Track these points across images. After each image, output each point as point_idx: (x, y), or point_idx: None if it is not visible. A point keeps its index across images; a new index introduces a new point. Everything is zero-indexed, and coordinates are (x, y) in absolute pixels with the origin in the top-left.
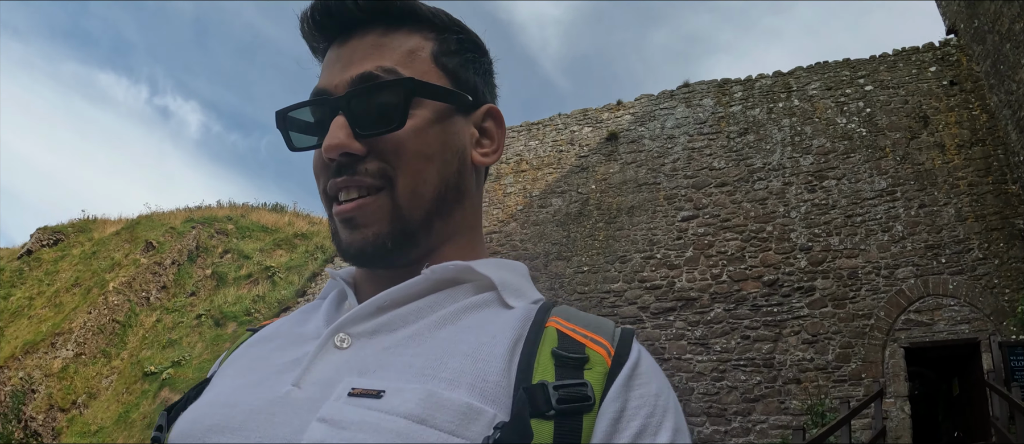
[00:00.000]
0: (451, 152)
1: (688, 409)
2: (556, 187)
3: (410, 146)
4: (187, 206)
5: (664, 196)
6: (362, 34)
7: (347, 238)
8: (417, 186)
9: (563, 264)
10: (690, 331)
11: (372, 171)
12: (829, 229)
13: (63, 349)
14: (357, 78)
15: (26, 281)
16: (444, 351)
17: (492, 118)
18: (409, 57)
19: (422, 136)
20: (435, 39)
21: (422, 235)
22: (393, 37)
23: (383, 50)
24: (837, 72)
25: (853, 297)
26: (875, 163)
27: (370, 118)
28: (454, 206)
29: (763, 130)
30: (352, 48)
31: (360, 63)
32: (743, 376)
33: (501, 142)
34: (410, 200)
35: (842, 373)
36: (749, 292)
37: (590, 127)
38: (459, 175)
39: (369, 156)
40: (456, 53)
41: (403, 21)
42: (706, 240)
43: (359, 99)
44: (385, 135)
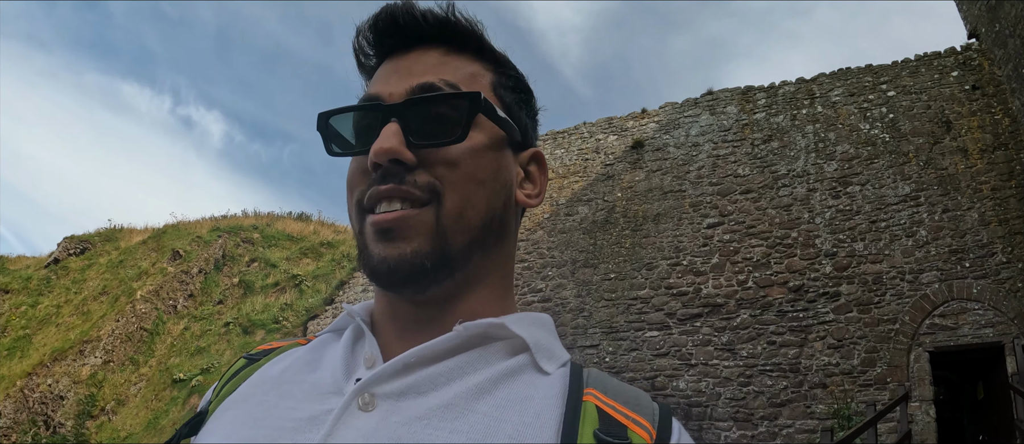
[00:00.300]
0: (500, 183)
1: (715, 414)
2: (582, 195)
3: (464, 164)
4: (213, 215)
5: (689, 203)
6: (424, 51)
7: (381, 252)
8: (464, 209)
9: (590, 271)
10: (717, 337)
11: (421, 183)
12: (853, 235)
13: (91, 356)
14: (417, 87)
15: (53, 289)
16: (486, 432)
17: (537, 162)
18: (471, 80)
19: (477, 158)
20: (494, 71)
21: (460, 264)
22: (456, 58)
23: (445, 67)
24: (860, 78)
25: (878, 302)
26: (899, 168)
27: (427, 129)
28: (495, 242)
29: (787, 137)
30: (413, 61)
31: (421, 74)
32: (769, 381)
33: (543, 187)
34: (455, 222)
35: (868, 377)
36: (775, 298)
37: (615, 135)
38: (504, 209)
39: (419, 168)
40: (512, 90)
41: (466, 47)
42: (732, 247)
43: (417, 108)
44: (440, 148)
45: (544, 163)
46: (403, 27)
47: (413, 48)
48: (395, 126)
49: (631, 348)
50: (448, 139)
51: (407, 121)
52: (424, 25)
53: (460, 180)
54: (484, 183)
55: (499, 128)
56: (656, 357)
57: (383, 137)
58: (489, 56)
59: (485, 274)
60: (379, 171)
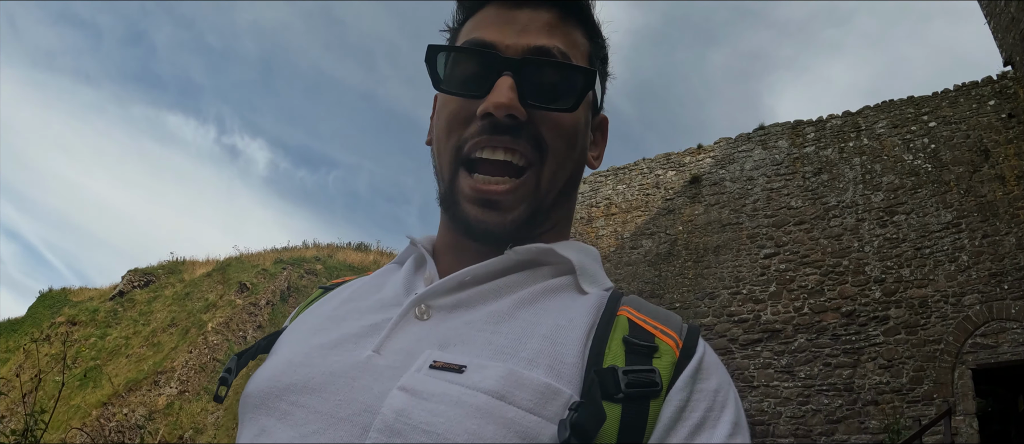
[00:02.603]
0: (582, 148)
1: (776, 431)
2: (645, 229)
3: (567, 132)
4: (274, 247)
5: (747, 235)
6: (536, 8)
7: (481, 216)
8: (557, 171)
9: (656, 301)
10: (776, 360)
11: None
12: (900, 261)
13: (167, 387)
14: (535, 49)
15: (121, 321)
16: (524, 332)
17: (602, 127)
18: (576, 49)
19: (576, 127)
20: (591, 41)
21: (542, 218)
22: (566, 24)
23: (557, 32)
24: (902, 110)
25: (924, 324)
26: (941, 197)
27: (541, 91)
28: (567, 198)
29: (836, 169)
30: (527, 17)
31: (536, 35)
32: (826, 400)
33: (602, 150)
34: (550, 183)
35: (915, 394)
36: (829, 322)
37: (673, 171)
38: (580, 169)
39: (527, 125)
40: (601, 61)
41: (572, 13)
42: (788, 275)
43: (533, 69)
44: (552, 112)
45: (606, 128)
46: None
47: (525, 3)
48: (510, 80)
49: None
50: (561, 106)
51: (521, 78)
52: None
53: (561, 144)
54: (575, 147)
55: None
56: None
57: (500, 90)
58: (590, 25)
59: (556, 222)
60: (489, 120)
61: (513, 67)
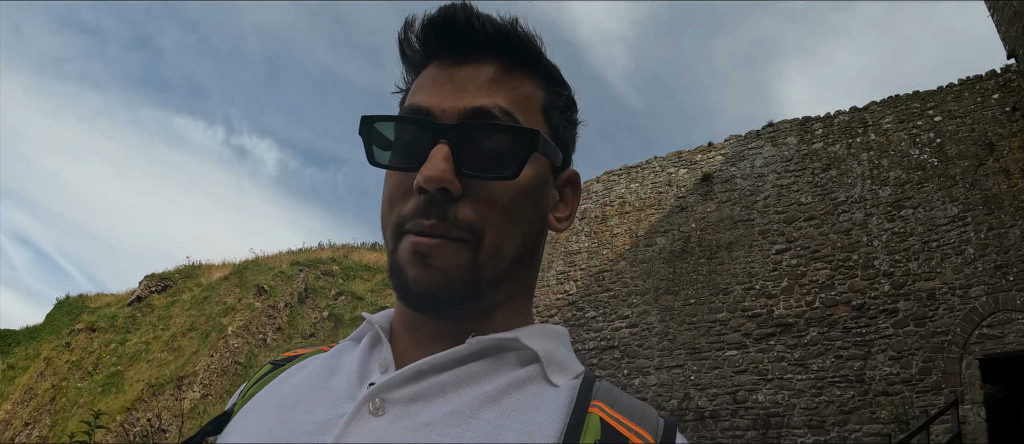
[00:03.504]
0: (539, 215)
1: (791, 422)
2: (659, 227)
3: (510, 203)
4: (290, 249)
5: (758, 231)
6: (478, 63)
7: (416, 274)
8: (502, 245)
9: (672, 298)
10: (789, 353)
11: (462, 221)
12: (908, 255)
13: (190, 391)
14: (472, 111)
15: (140, 326)
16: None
17: (571, 184)
18: (525, 104)
19: (523, 195)
20: (547, 90)
21: (489, 294)
22: (512, 76)
23: (500, 88)
24: (908, 105)
25: (932, 316)
26: (947, 191)
27: (478, 158)
28: (524, 269)
29: (844, 165)
30: (467, 75)
31: (476, 95)
32: (838, 391)
33: (574, 210)
34: (492, 258)
35: (925, 385)
36: (840, 316)
37: (685, 169)
38: (537, 237)
39: (463, 199)
40: (561, 111)
41: (523, 62)
42: (799, 271)
43: (470, 134)
44: (488, 182)
45: (578, 185)
46: (459, 33)
47: (466, 56)
48: (445, 149)
49: (713, 366)
50: (501, 174)
51: (457, 145)
52: (482, 35)
53: (502, 217)
54: (523, 218)
55: (547, 159)
56: (736, 374)
57: (433, 162)
58: (544, 72)
59: (510, 296)
60: (424, 196)
61: (448, 134)
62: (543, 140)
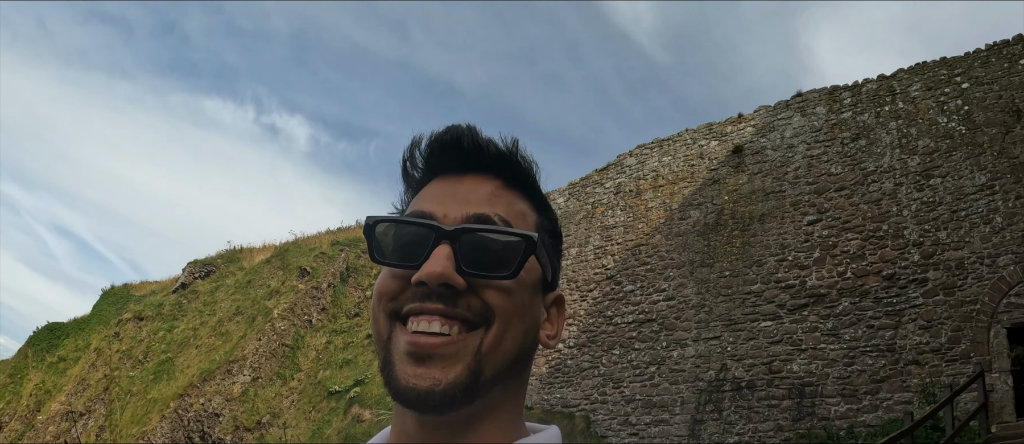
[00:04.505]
0: (533, 321)
1: (825, 391)
2: (693, 200)
3: (513, 297)
4: (329, 229)
5: (790, 202)
6: (478, 180)
7: (411, 376)
8: (504, 339)
9: (707, 270)
10: (822, 323)
11: (474, 307)
12: (937, 225)
13: (240, 375)
14: (474, 216)
15: (186, 313)
16: None
17: (557, 305)
18: (521, 218)
19: (523, 293)
20: (537, 213)
21: (483, 393)
22: (509, 194)
23: (499, 201)
24: (936, 72)
25: (961, 285)
26: (975, 159)
27: (478, 258)
28: (515, 376)
29: (873, 134)
30: (469, 188)
31: (478, 204)
32: (870, 360)
33: (560, 330)
34: (493, 351)
35: (954, 354)
36: (871, 286)
37: (716, 141)
38: (531, 346)
39: (466, 293)
40: (550, 234)
41: (518, 185)
42: (830, 241)
43: (472, 237)
44: (493, 279)
45: (563, 306)
46: (465, 152)
47: (468, 173)
48: (448, 249)
49: (749, 337)
50: (501, 273)
51: (460, 247)
52: (485, 155)
53: (507, 311)
54: (523, 318)
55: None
56: (771, 344)
57: (435, 259)
58: (536, 196)
59: (500, 404)
60: (423, 289)
61: (450, 237)
62: (540, 248)
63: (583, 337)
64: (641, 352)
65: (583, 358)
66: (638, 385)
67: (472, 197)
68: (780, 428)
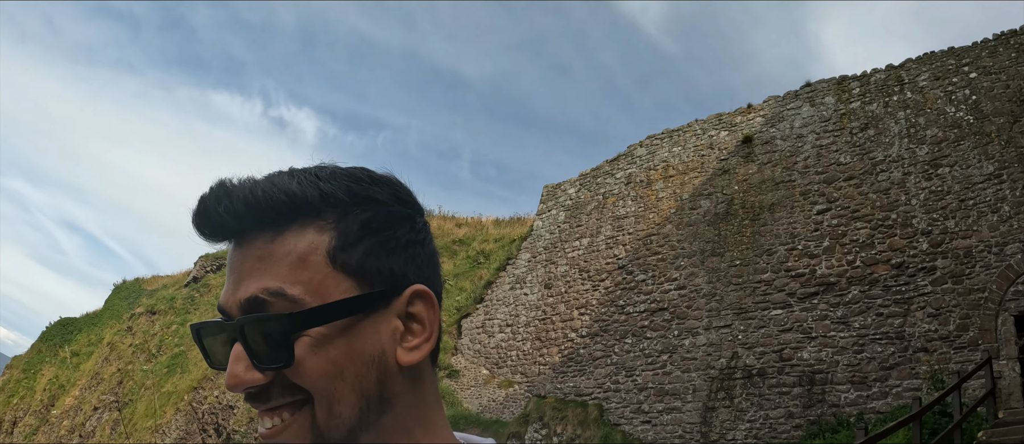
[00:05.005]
0: (363, 363)
1: (835, 378)
2: (703, 190)
3: (312, 371)
4: None
5: (799, 192)
6: (251, 239)
7: None
8: (333, 406)
9: (718, 259)
10: (832, 312)
11: (290, 390)
12: (945, 213)
13: None
14: (244, 303)
15: (199, 307)
16: None
17: (420, 300)
18: (299, 266)
19: (324, 357)
20: (333, 230)
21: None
22: (282, 242)
23: (269, 263)
24: (944, 61)
25: (969, 273)
26: (982, 149)
27: (262, 349)
28: (380, 417)
29: (881, 124)
30: (241, 257)
31: (247, 281)
32: (879, 348)
33: (433, 325)
34: (328, 421)
35: (962, 341)
36: (880, 274)
37: (726, 131)
38: (380, 384)
39: (276, 382)
40: (360, 240)
41: (293, 217)
42: (840, 230)
43: (251, 328)
44: (278, 370)
45: (429, 298)
46: (215, 226)
47: (243, 237)
48: (239, 350)
49: (759, 326)
50: (280, 364)
51: (247, 342)
52: (232, 219)
53: (319, 380)
54: (342, 375)
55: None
56: (781, 332)
57: (230, 367)
58: (320, 212)
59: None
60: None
61: (237, 333)
62: (307, 316)
63: (595, 326)
64: (653, 341)
65: (595, 347)
66: (650, 373)
67: (244, 270)
68: (791, 415)
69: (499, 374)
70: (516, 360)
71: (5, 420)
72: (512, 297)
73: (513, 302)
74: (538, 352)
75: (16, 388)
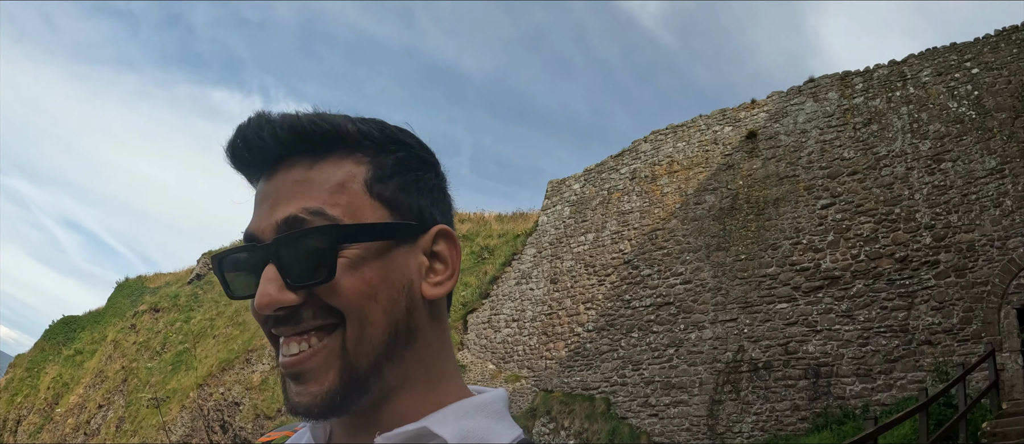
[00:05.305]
0: (396, 289)
1: (840, 371)
2: (707, 185)
3: (349, 290)
4: None
5: (804, 187)
6: (288, 167)
7: (294, 396)
8: (364, 329)
9: (723, 254)
10: (837, 305)
11: (320, 313)
12: (948, 208)
13: (259, 364)
14: (282, 223)
15: (202, 304)
16: None
17: (444, 239)
18: (338, 191)
19: (359, 276)
20: (369, 163)
21: (373, 381)
22: (320, 169)
23: (309, 187)
24: (946, 57)
25: (972, 267)
26: (985, 144)
27: (300, 267)
28: (405, 346)
29: (884, 119)
30: (278, 184)
31: (285, 204)
32: (883, 341)
33: (456, 265)
34: (358, 345)
35: (965, 334)
36: (884, 268)
37: (730, 127)
38: (408, 313)
39: (308, 304)
40: (394, 175)
41: (331, 147)
42: (844, 225)
43: (287, 247)
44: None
45: (453, 238)
46: (254, 150)
47: (278, 164)
48: (272, 270)
49: (765, 319)
50: (320, 279)
51: (281, 261)
52: (274, 143)
53: (353, 301)
54: (375, 297)
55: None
56: (787, 326)
57: (261, 287)
58: (360, 146)
59: (404, 379)
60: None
61: (270, 254)
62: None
63: (602, 321)
64: (659, 335)
65: (602, 341)
66: (657, 367)
67: (281, 195)
68: (797, 408)
69: (506, 369)
70: (523, 355)
71: (9, 419)
72: (518, 292)
73: (519, 297)
74: (545, 346)
75: (20, 387)
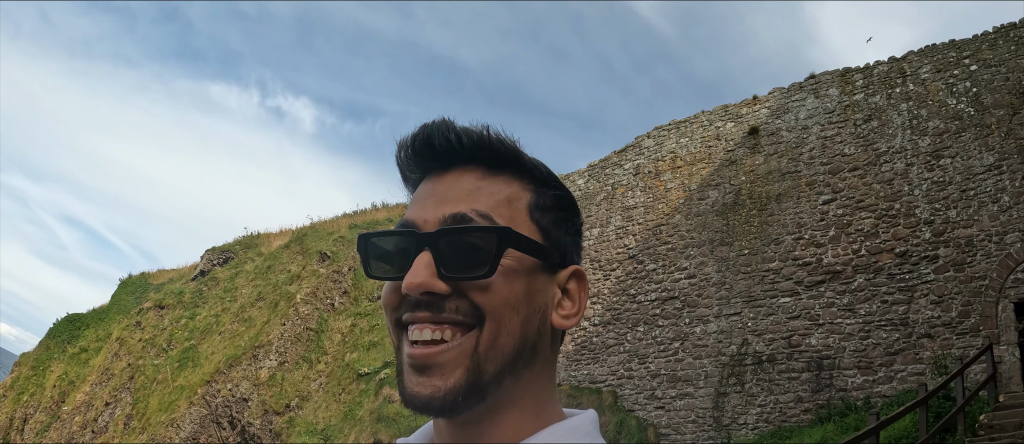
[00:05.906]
0: (533, 308)
1: (842, 364)
2: (711, 180)
3: (499, 291)
4: (346, 212)
5: (805, 182)
6: (460, 173)
7: (414, 386)
8: (500, 335)
9: (726, 249)
10: (838, 299)
11: (464, 309)
12: (947, 204)
13: (266, 359)
14: (450, 217)
15: (207, 300)
16: None
17: (576, 279)
18: (505, 205)
19: (510, 285)
20: (533, 191)
21: (491, 390)
22: (492, 181)
23: (480, 194)
24: (945, 54)
25: (970, 262)
26: (983, 140)
27: (458, 260)
28: (526, 366)
29: (884, 116)
30: (448, 185)
31: (455, 203)
32: (884, 334)
33: (583, 305)
34: (489, 350)
35: (964, 327)
36: (884, 263)
37: (732, 122)
38: (538, 334)
39: (453, 297)
40: (551, 209)
41: (504, 167)
42: (845, 220)
43: (449, 239)
44: (473, 280)
45: (584, 280)
46: (439, 150)
47: (451, 168)
48: (427, 256)
49: (768, 313)
50: (478, 273)
51: (439, 251)
52: (460, 147)
53: (498, 307)
54: (518, 309)
55: (530, 256)
56: (790, 320)
57: (415, 269)
58: (528, 174)
59: (516, 397)
60: (411, 299)
61: (429, 242)
62: (517, 236)
63: (608, 315)
64: (665, 328)
65: (608, 335)
66: (663, 360)
67: (451, 195)
68: (800, 400)
69: None
70: None
71: (16, 417)
72: None
73: None
74: None
75: (25, 385)
